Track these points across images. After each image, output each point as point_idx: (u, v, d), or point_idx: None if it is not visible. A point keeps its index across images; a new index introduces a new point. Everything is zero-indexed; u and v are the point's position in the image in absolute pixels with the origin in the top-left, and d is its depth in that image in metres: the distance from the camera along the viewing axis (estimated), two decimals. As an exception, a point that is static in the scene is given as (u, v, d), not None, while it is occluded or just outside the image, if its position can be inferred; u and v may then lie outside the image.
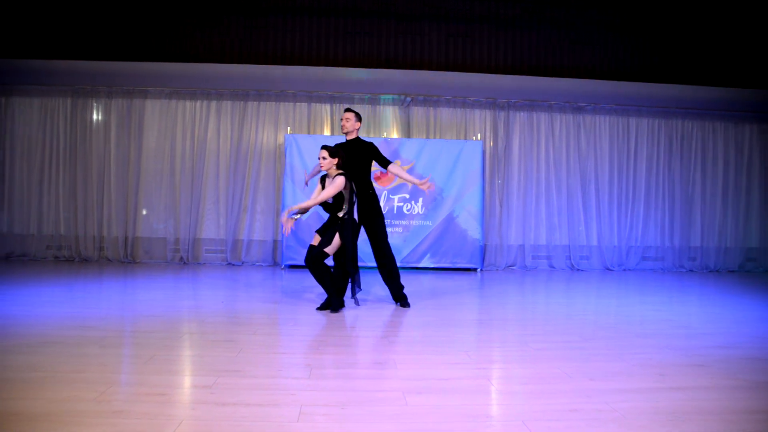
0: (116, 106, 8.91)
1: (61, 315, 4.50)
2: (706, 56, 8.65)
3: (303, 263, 8.08)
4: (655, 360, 3.47)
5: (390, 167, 5.24)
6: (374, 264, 5.30)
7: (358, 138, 5.25)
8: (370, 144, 5.25)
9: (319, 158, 4.87)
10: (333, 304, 4.90)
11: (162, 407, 2.48)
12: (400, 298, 5.26)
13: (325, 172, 4.99)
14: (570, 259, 9.26)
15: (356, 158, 5.13)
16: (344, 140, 5.32)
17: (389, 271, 5.22)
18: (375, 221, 5.18)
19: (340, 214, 4.89)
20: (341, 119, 5.24)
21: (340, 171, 4.86)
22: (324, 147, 4.89)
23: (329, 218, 4.99)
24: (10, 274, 7.10)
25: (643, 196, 9.43)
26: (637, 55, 8.62)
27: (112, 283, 6.64)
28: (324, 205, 4.94)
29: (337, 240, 4.87)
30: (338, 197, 4.86)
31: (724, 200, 9.55)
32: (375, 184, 8.20)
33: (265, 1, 8.18)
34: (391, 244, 5.28)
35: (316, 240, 4.97)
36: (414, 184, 5.35)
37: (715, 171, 9.57)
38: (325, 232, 4.92)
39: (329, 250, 4.87)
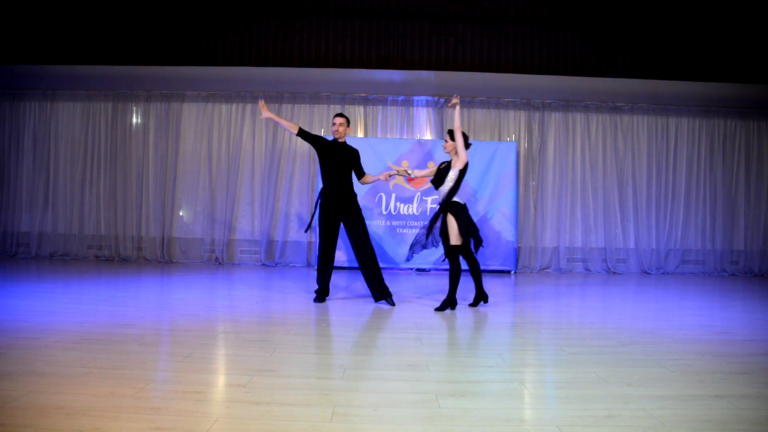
0: (155, 110, 9.13)
1: (102, 313, 4.62)
2: (749, 53, 8.37)
3: (336, 264, 8.14)
4: (695, 366, 3.38)
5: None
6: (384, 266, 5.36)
7: (344, 142, 5.52)
8: (356, 150, 5.54)
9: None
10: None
11: (198, 405, 2.52)
12: (384, 296, 5.36)
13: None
14: (606, 261, 9.08)
15: (344, 160, 5.40)
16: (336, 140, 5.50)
17: (372, 270, 5.35)
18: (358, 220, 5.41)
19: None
20: (334, 123, 5.42)
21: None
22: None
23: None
24: (53, 272, 7.33)
25: (683, 198, 9.19)
26: (676, 53, 8.40)
27: (150, 282, 6.80)
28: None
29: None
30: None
31: (769, 201, 9.25)
32: (408, 186, 8.28)
33: (298, 4, 8.26)
34: (424, 246, 5.32)
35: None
36: (380, 179, 5.52)
37: (759, 171, 9.26)
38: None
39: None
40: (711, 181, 9.22)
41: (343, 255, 8.17)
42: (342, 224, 5.42)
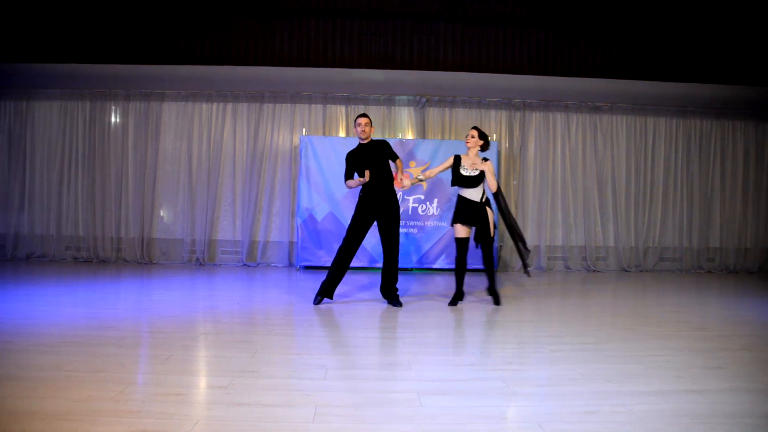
0: (134, 109, 9.01)
1: (80, 315, 4.56)
2: (725, 54, 8.51)
3: (318, 264, 8.13)
4: (673, 362, 3.44)
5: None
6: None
7: (371, 140, 5.51)
8: (383, 142, 5.55)
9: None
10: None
11: (178, 407, 2.50)
12: (392, 298, 5.41)
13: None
14: (586, 260, 9.18)
15: (375, 159, 5.39)
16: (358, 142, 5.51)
17: (388, 269, 5.40)
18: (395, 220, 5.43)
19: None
20: (359, 124, 5.38)
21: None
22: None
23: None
24: (30, 274, 7.21)
25: (661, 197, 9.33)
26: (654, 54, 8.52)
27: (130, 284, 6.72)
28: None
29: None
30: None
31: (744, 200, 9.42)
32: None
33: (278, 3, 8.21)
34: (406, 246, 5.37)
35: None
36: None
37: (734, 170, 9.44)
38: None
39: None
40: (688, 180, 9.37)
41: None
42: (376, 222, 5.41)
